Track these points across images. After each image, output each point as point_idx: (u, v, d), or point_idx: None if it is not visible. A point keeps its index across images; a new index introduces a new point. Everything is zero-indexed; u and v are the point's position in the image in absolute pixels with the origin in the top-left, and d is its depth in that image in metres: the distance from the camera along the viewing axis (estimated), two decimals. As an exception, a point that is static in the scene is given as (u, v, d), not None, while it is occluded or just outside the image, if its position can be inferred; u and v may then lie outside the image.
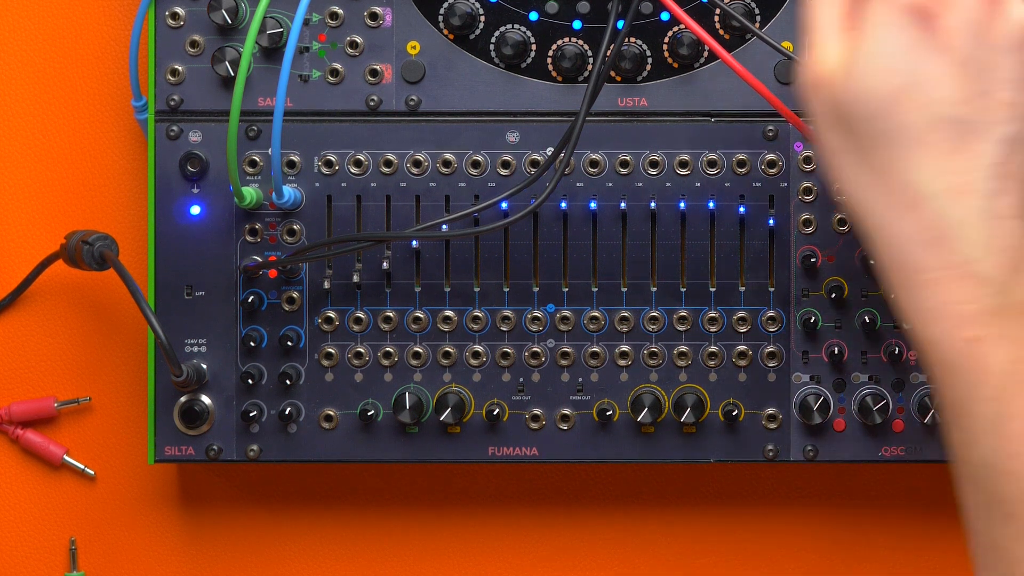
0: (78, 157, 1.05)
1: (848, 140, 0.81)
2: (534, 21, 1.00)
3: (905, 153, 0.80)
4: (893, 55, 0.80)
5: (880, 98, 0.80)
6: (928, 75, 0.80)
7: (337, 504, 1.06)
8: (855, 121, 0.81)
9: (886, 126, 0.80)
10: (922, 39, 0.80)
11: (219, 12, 0.99)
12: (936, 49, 0.80)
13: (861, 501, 1.05)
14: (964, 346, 0.78)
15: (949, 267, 0.79)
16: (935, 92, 0.80)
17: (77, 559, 1.05)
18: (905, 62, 0.80)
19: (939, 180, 0.79)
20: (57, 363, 1.05)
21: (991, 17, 0.80)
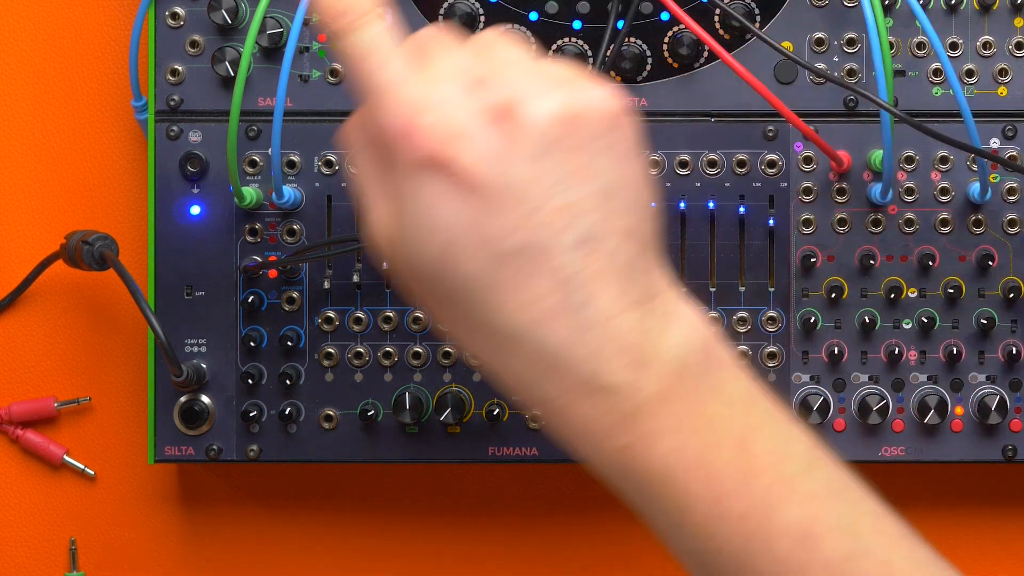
0: (78, 157, 1.05)
1: (433, 297, 0.77)
2: (534, 21, 1.00)
3: (481, 302, 0.75)
4: (427, 215, 0.74)
5: (433, 261, 0.75)
6: (463, 221, 0.74)
7: (337, 504, 1.06)
8: (427, 284, 0.76)
9: (453, 283, 0.75)
10: (447, 189, 0.74)
11: (219, 12, 0.99)
12: (464, 193, 0.74)
13: (861, 501, 1.05)
14: (619, 456, 0.76)
15: (571, 390, 0.75)
16: (482, 235, 0.74)
17: (77, 559, 1.05)
18: (440, 218, 0.74)
19: (522, 315, 0.75)
20: (57, 363, 1.05)
21: (509, 135, 0.74)
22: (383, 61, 0.75)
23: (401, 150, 0.74)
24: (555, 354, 0.75)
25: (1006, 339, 1.00)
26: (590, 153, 0.75)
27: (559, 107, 0.75)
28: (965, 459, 1.00)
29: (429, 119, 0.74)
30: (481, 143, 0.74)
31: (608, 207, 0.75)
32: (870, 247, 0.99)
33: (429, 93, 0.74)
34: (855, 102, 0.99)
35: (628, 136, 0.77)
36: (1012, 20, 1.00)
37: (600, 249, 0.75)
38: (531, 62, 0.77)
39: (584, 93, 0.76)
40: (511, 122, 0.74)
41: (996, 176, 1.00)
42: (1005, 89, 1.00)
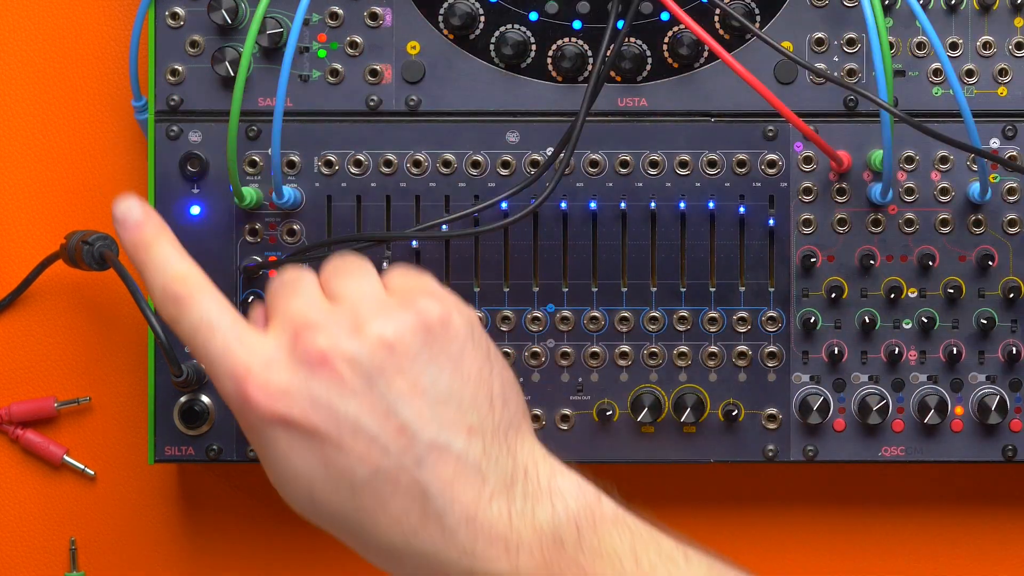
0: (78, 157, 1.05)
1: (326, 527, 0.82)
2: (534, 21, 1.00)
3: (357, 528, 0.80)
4: (283, 467, 0.80)
5: (304, 503, 0.81)
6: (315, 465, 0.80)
7: (337, 504, 1.05)
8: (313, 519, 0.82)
9: (329, 517, 0.81)
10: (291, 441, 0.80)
11: (219, 12, 0.99)
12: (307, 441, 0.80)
13: (861, 501, 1.05)
14: None
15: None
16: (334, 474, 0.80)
17: (77, 559, 1.05)
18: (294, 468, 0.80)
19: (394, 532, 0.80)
20: (57, 363, 1.05)
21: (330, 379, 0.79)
22: (210, 335, 0.81)
23: (243, 416, 0.81)
24: (434, 558, 0.79)
25: (1006, 339, 1.00)
26: (414, 370, 0.80)
27: (373, 339, 0.80)
28: (965, 459, 1.00)
29: (254, 384, 0.80)
30: (308, 393, 0.79)
31: (446, 413, 0.80)
32: (870, 247, 0.99)
33: (252, 357, 0.80)
34: (855, 102, 0.99)
35: (452, 339, 0.81)
36: (1012, 20, 1.00)
37: (446, 455, 0.79)
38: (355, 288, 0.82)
39: (399, 314, 0.80)
40: (330, 366, 0.79)
41: (996, 176, 1.00)
42: (1005, 89, 1.00)
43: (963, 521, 1.05)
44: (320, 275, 0.84)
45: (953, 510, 1.06)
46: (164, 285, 0.83)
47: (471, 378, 0.81)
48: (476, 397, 0.81)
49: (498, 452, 0.80)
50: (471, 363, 0.81)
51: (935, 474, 1.05)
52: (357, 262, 0.85)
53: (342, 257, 0.85)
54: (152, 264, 0.84)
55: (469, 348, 0.82)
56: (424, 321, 0.81)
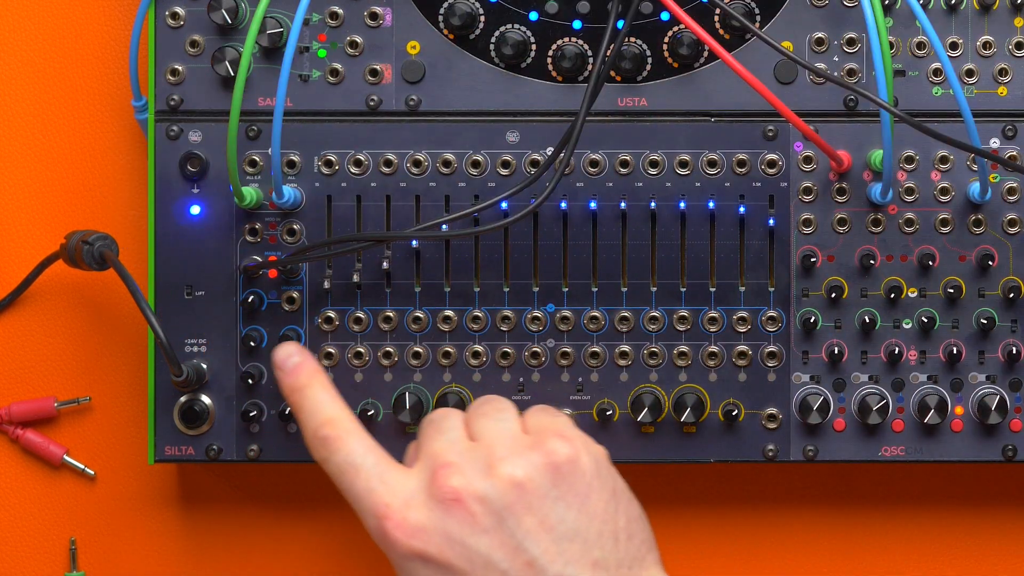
0: (78, 157, 1.05)
1: None
2: (534, 21, 1.00)
3: None
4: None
5: None
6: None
7: (337, 504, 1.05)
8: None
9: None
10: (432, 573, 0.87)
11: (219, 12, 0.99)
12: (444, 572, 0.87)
13: (861, 501, 1.05)
14: None
15: None
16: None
17: (77, 559, 1.05)
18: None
19: None
20: (57, 363, 1.05)
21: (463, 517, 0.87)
22: (354, 476, 0.90)
23: (386, 550, 0.88)
24: None
25: (1006, 339, 1.00)
26: (543, 508, 0.87)
27: (504, 480, 0.87)
28: (965, 459, 1.00)
29: (393, 522, 0.88)
30: (442, 530, 0.87)
31: (571, 549, 0.86)
32: (870, 247, 0.99)
33: (396, 496, 0.88)
34: (855, 102, 1.00)
35: (579, 477, 0.88)
36: (1012, 20, 1.00)
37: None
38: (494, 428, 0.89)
39: (529, 455, 0.88)
40: (463, 504, 0.87)
41: (996, 176, 1.00)
42: (1005, 89, 1.00)
43: (963, 521, 1.05)
44: (466, 414, 0.92)
45: (953, 510, 1.06)
46: (315, 428, 0.92)
47: (597, 515, 0.87)
48: (601, 533, 0.87)
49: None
50: (597, 500, 0.88)
51: (935, 474, 1.05)
52: (500, 402, 0.92)
53: (487, 399, 0.93)
54: (306, 407, 0.92)
55: (596, 486, 0.88)
56: (553, 461, 0.88)
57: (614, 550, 0.87)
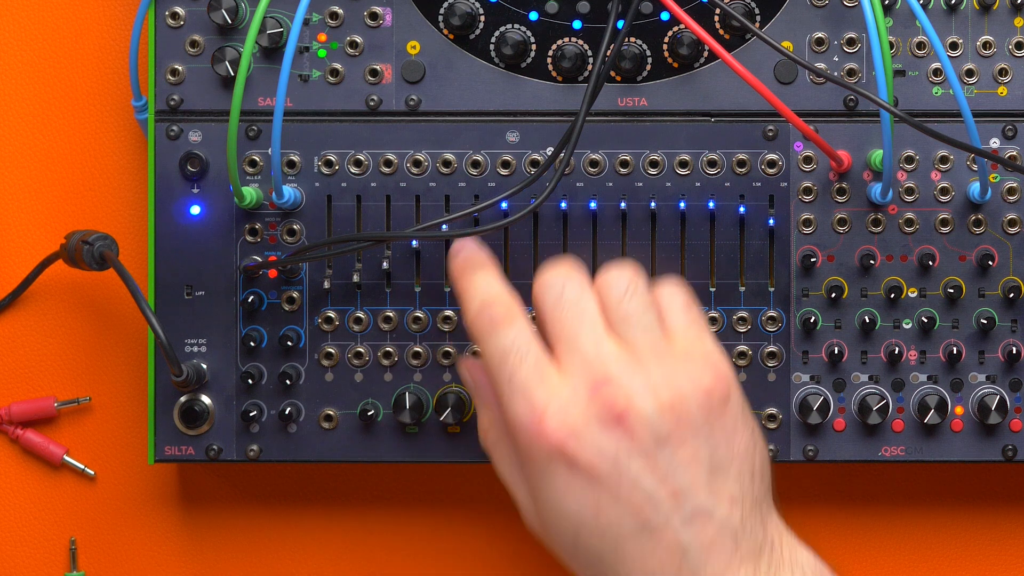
0: (78, 157, 1.05)
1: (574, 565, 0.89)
2: (534, 21, 1.00)
3: (613, 572, 0.87)
4: (556, 505, 0.87)
5: (567, 541, 0.88)
6: (588, 510, 0.86)
7: (337, 504, 1.06)
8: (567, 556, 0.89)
9: (586, 558, 0.88)
10: (571, 482, 0.86)
11: (219, 12, 0.99)
12: (586, 486, 0.86)
13: (861, 501, 1.05)
14: None
15: None
16: (604, 521, 0.86)
17: (77, 559, 1.05)
18: (567, 507, 0.87)
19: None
20: (57, 363, 1.05)
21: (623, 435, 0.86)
22: (518, 363, 0.88)
23: (530, 447, 0.87)
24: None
25: (1006, 339, 1.00)
26: (696, 441, 0.87)
27: (664, 407, 0.87)
28: (965, 459, 1.00)
29: (552, 420, 0.86)
30: (598, 443, 0.86)
31: (715, 482, 0.87)
32: (870, 247, 0.99)
33: (555, 396, 0.87)
34: (855, 102, 1.00)
35: (729, 415, 0.88)
36: (1012, 20, 1.00)
37: (710, 520, 0.86)
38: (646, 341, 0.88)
39: (687, 385, 0.87)
40: (624, 425, 0.86)
41: (996, 176, 1.00)
42: (1005, 89, 1.00)
43: (963, 521, 1.05)
44: (600, 294, 0.90)
45: (953, 510, 1.06)
46: (484, 305, 0.90)
47: (739, 453, 0.88)
48: (741, 471, 0.88)
49: (752, 522, 0.87)
50: (741, 439, 0.88)
51: (935, 474, 1.05)
52: (638, 295, 0.90)
53: (620, 278, 0.90)
54: (477, 282, 0.90)
55: (741, 424, 0.88)
56: (709, 397, 0.88)
57: (750, 488, 0.88)
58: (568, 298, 0.89)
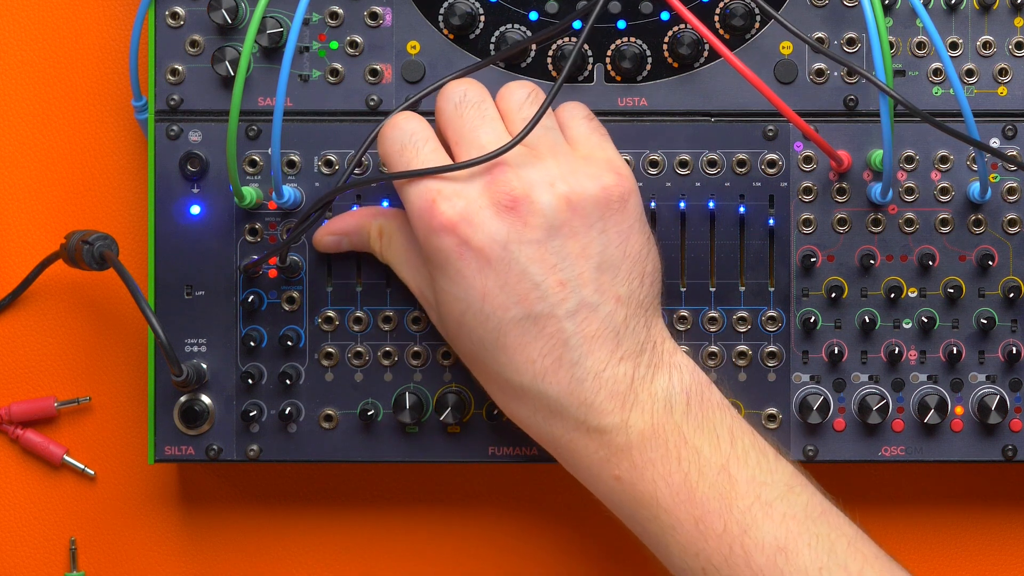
0: (78, 157, 1.05)
1: (460, 351, 0.92)
2: (534, 21, 1.00)
3: (491, 360, 0.90)
4: (445, 288, 0.90)
5: (454, 324, 0.90)
6: (476, 294, 0.88)
7: (337, 504, 1.06)
8: (454, 341, 0.92)
9: (470, 342, 0.90)
10: (462, 265, 0.88)
11: (219, 12, 0.99)
12: (475, 270, 0.88)
13: (861, 501, 1.05)
14: (613, 484, 0.90)
15: (571, 431, 0.90)
16: (490, 305, 0.88)
17: (77, 559, 1.05)
18: (456, 290, 0.89)
19: (526, 371, 0.89)
20: (57, 363, 1.05)
21: (516, 222, 0.88)
22: (414, 154, 0.90)
23: (423, 232, 0.89)
24: (556, 401, 0.89)
25: (1006, 339, 1.00)
26: (588, 236, 0.89)
27: (561, 199, 0.89)
28: (965, 459, 1.00)
29: (445, 205, 0.88)
30: (490, 228, 0.88)
31: (602, 279, 0.89)
32: (870, 247, 0.99)
33: (445, 183, 0.89)
34: (855, 102, 1.00)
35: (625, 217, 0.90)
36: (1012, 20, 1.00)
37: (594, 315, 0.89)
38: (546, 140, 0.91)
39: (586, 182, 0.89)
40: (517, 212, 0.88)
41: (996, 176, 1.00)
42: (1005, 89, 1.00)
43: (963, 521, 1.05)
44: (499, 102, 0.93)
45: (953, 510, 1.06)
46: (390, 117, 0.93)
47: (631, 255, 0.90)
48: (631, 273, 0.90)
49: (635, 323, 0.90)
50: (635, 242, 0.90)
51: (935, 474, 1.05)
52: (536, 96, 0.93)
53: (519, 89, 0.93)
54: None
55: (636, 228, 0.91)
56: (607, 194, 0.90)
57: (638, 290, 0.90)
58: (469, 100, 0.92)
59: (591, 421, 0.89)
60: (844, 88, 0.99)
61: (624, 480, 0.89)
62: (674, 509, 0.89)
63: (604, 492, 0.91)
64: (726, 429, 0.90)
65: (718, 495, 0.88)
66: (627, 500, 0.90)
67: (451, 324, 0.91)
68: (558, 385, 0.89)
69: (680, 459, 0.89)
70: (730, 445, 0.90)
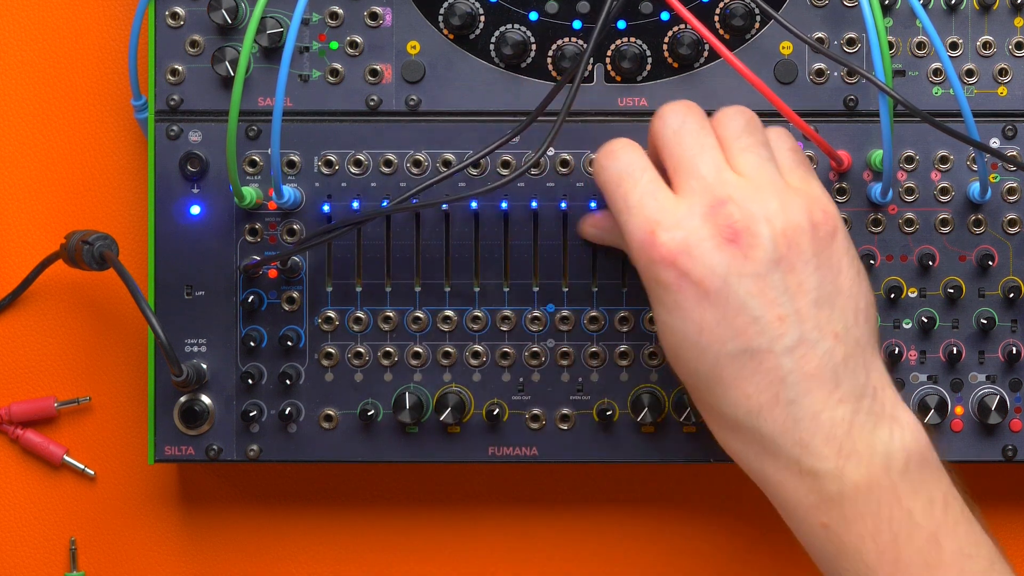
0: (78, 157, 1.05)
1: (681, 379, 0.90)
2: (534, 21, 1.00)
3: (708, 392, 0.88)
4: (665, 318, 0.88)
5: (672, 354, 0.89)
6: (693, 326, 0.87)
7: (337, 504, 1.06)
8: (675, 369, 0.90)
9: (687, 374, 0.89)
10: (681, 297, 0.87)
11: (219, 12, 0.99)
12: (694, 303, 0.87)
13: (861, 501, 1.05)
14: (819, 531, 0.87)
15: (782, 471, 0.87)
16: (708, 339, 0.87)
17: (77, 559, 1.05)
18: (674, 322, 0.87)
19: (741, 406, 0.87)
20: (57, 363, 1.05)
21: (738, 255, 0.86)
22: (632, 185, 0.89)
23: (643, 262, 0.88)
24: (770, 439, 0.87)
25: (1006, 339, 1.00)
26: (804, 270, 0.88)
27: (780, 233, 0.87)
28: (965, 459, 1.00)
29: (665, 236, 0.87)
30: (711, 260, 0.86)
31: (821, 314, 0.87)
32: (870, 247, 0.99)
33: (669, 212, 0.88)
34: (855, 102, 0.99)
35: (835, 251, 0.88)
36: (1012, 20, 1.00)
37: (812, 352, 0.86)
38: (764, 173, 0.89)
39: (800, 216, 0.88)
40: (739, 245, 0.87)
41: (996, 176, 1.00)
42: (1005, 89, 1.00)
43: (963, 521, 1.05)
44: (716, 127, 0.91)
45: (953, 510, 1.05)
46: (607, 144, 0.91)
47: (843, 290, 0.88)
48: (845, 308, 0.88)
49: (855, 364, 0.88)
50: (847, 276, 0.88)
51: (935, 474, 1.05)
52: (753, 129, 0.91)
53: (737, 116, 0.91)
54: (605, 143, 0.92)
55: (846, 263, 0.89)
56: (816, 228, 0.88)
57: (854, 327, 0.88)
58: (689, 128, 0.90)
59: (804, 463, 0.87)
60: (844, 88, 0.99)
61: (831, 529, 0.87)
62: (877, 568, 0.86)
63: (807, 536, 0.89)
64: (940, 495, 0.88)
65: (923, 562, 0.86)
66: (830, 549, 0.88)
67: (669, 351, 0.89)
68: (773, 423, 0.87)
69: (891, 519, 0.86)
70: (943, 512, 0.87)
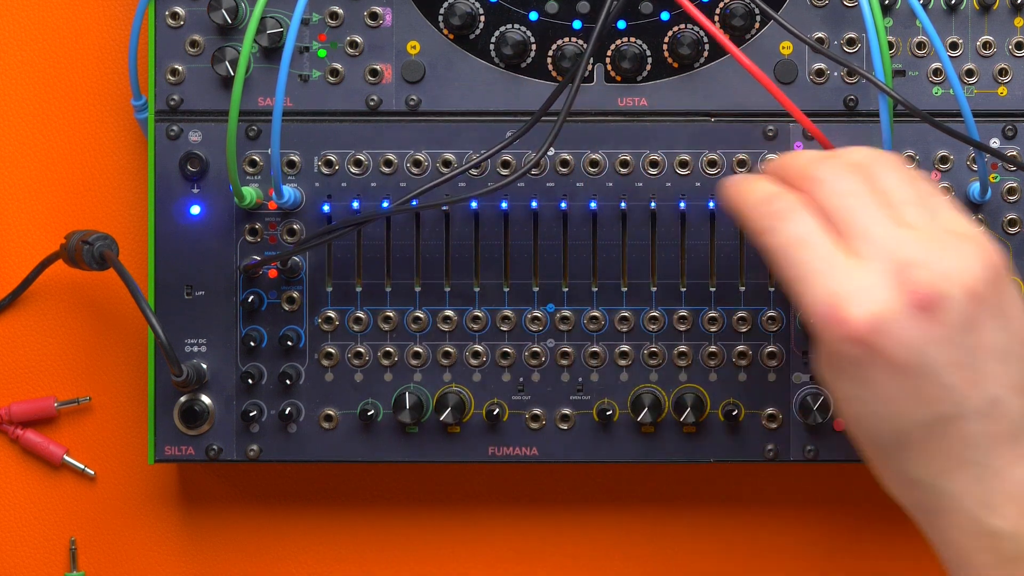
0: (78, 157, 1.05)
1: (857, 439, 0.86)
2: (534, 21, 1.00)
3: (891, 455, 0.84)
4: (849, 390, 0.83)
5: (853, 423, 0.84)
6: (880, 398, 0.82)
7: (337, 504, 1.06)
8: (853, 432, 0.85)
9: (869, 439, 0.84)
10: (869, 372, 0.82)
11: (219, 12, 0.99)
12: (884, 376, 0.82)
13: (861, 501, 1.05)
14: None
15: (960, 528, 0.83)
16: (896, 409, 0.82)
17: (77, 559, 1.05)
18: (860, 394, 0.83)
19: (925, 468, 0.83)
20: (57, 363, 1.05)
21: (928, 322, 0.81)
22: (812, 253, 0.83)
23: (828, 336, 0.82)
24: (950, 500, 0.83)
25: (1006, 339, 1.00)
26: (987, 326, 0.82)
27: (966, 291, 0.81)
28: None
29: (857, 311, 0.81)
30: (905, 334, 0.81)
31: (1001, 369, 0.82)
32: (870, 247, 0.99)
33: (855, 282, 0.82)
34: (855, 102, 0.99)
35: (1006, 295, 0.83)
36: (1012, 20, 1.00)
37: (998, 411, 0.82)
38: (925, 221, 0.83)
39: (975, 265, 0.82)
40: (932, 312, 0.81)
41: (996, 176, 1.00)
42: (1005, 89, 1.00)
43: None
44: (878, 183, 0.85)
45: (953, 510, 1.05)
46: (766, 196, 0.85)
47: (1017, 336, 0.83)
48: (1020, 356, 0.83)
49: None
50: (1018, 321, 0.83)
51: (935, 474, 1.05)
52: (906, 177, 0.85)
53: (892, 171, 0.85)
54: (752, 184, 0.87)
55: (1017, 306, 0.84)
56: (990, 274, 0.82)
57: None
58: (845, 188, 0.84)
59: (985, 523, 0.82)
60: (844, 88, 0.99)
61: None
62: None
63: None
64: None
65: None
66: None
67: (847, 419, 0.85)
68: (957, 484, 0.83)
69: None
70: None
